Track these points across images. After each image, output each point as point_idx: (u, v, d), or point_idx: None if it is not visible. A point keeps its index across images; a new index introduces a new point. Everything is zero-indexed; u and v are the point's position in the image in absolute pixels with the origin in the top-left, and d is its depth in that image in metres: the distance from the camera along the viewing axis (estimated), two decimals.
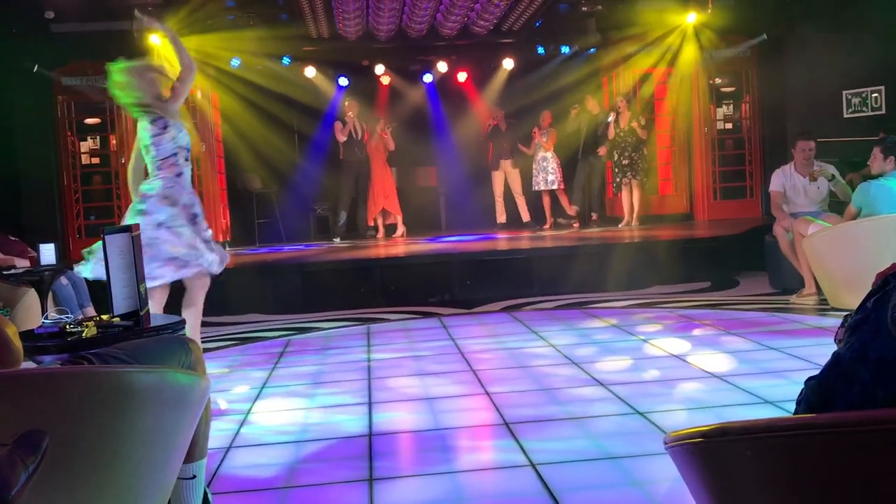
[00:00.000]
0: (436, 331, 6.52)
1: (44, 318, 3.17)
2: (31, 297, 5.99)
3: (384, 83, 11.95)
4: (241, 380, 5.18)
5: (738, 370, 4.70)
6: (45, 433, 1.74)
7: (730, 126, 11.44)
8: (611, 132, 10.44)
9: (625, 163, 10.36)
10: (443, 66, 11.58)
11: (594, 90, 11.22)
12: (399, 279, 8.23)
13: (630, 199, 10.50)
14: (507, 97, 11.65)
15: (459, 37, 10.88)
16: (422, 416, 4.17)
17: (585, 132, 10.75)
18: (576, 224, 10.91)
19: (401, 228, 11.03)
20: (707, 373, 4.67)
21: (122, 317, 3.18)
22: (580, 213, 10.98)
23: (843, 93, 9.48)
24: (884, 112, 8.99)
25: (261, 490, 3.26)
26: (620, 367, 5.07)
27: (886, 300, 1.54)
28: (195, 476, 2.59)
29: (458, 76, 12.01)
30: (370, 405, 4.36)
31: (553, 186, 10.89)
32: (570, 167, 10.92)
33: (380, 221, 11.09)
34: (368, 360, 5.51)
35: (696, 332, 5.98)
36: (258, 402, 4.57)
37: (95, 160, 10.52)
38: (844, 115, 9.51)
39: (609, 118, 10.50)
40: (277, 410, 4.41)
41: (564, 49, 11.36)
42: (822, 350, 4.24)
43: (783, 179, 7.03)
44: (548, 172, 10.82)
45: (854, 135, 9.08)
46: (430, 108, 12.16)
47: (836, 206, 6.99)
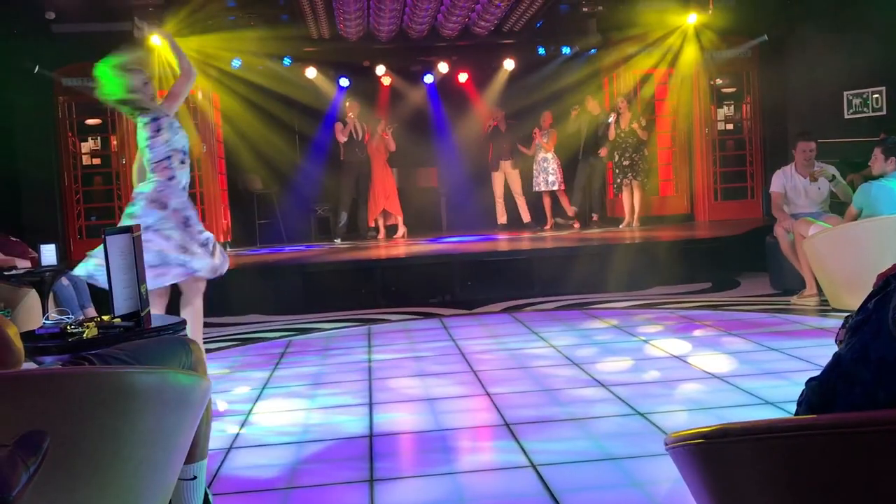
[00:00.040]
0: (436, 331, 6.52)
1: (45, 319, 3.16)
2: (32, 298, 6.00)
3: (385, 84, 11.95)
4: (242, 380, 5.18)
5: (739, 371, 4.70)
6: (46, 434, 1.74)
7: (730, 127, 11.45)
8: (611, 133, 10.44)
9: (625, 164, 10.36)
10: (444, 67, 11.59)
11: (595, 91, 11.22)
12: (400, 280, 8.23)
13: (631, 200, 10.50)
14: (508, 98, 11.65)
15: (460, 37, 10.88)
16: (422, 417, 4.17)
17: (586, 133, 10.74)
18: (576, 224, 10.91)
19: (401, 229, 11.03)
20: (708, 374, 4.67)
21: (123, 317, 3.18)
22: (580, 214, 10.98)
23: (844, 93, 9.48)
24: (885, 113, 8.99)
25: (261, 491, 3.26)
26: (621, 368, 5.07)
27: (887, 301, 1.54)
28: (196, 477, 2.59)
29: (459, 77, 12.01)
30: (371, 406, 4.36)
31: (553, 187, 10.89)
32: (571, 168, 10.92)
33: (381, 222, 11.09)
34: (369, 361, 5.51)
35: (697, 333, 5.97)
36: (259, 403, 4.57)
37: (96, 161, 10.54)
38: (845, 116, 9.51)
39: (610, 119, 10.49)
40: (278, 411, 4.40)
41: (565, 50, 11.36)
42: (823, 351, 4.24)
43: (784, 180, 7.03)
44: (548, 173, 10.82)
45: (855, 135, 9.08)
46: (431, 109, 12.16)
47: (837, 207, 7.00)
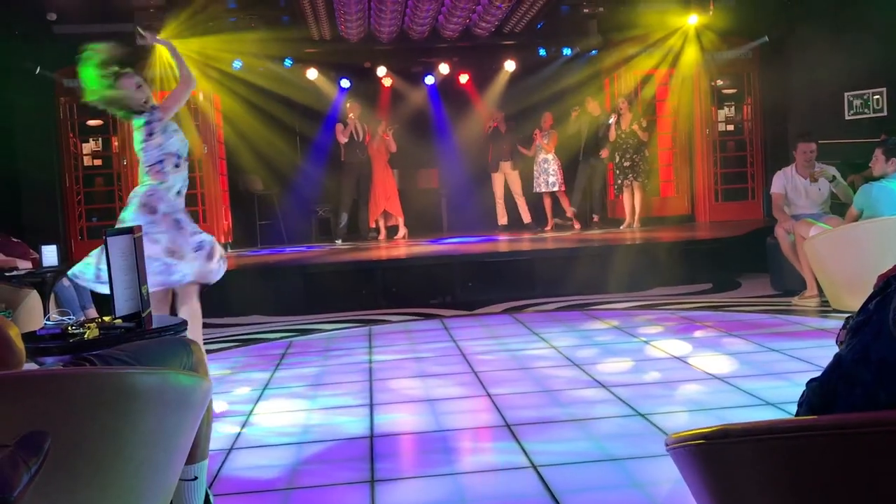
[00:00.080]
0: (437, 332, 6.52)
1: (46, 320, 3.16)
2: (33, 299, 6.01)
3: (386, 85, 11.95)
4: (243, 381, 5.18)
5: (740, 372, 4.69)
6: (47, 434, 1.74)
7: (731, 128, 11.46)
8: (612, 134, 10.44)
9: (626, 164, 10.36)
10: (444, 68, 11.60)
11: (595, 92, 11.22)
12: (400, 281, 8.23)
13: (631, 201, 10.50)
14: (509, 99, 11.65)
15: (461, 39, 10.88)
16: (423, 418, 4.17)
17: (586, 134, 10.74)
18: (576, 225, 10.91)
19: (402, 230, 11.03)
20: (708, 374, 4.67)
21: (124, 318, 3.18)
22: (581, 215, 10.98)
23: (845, 94, 9.48)
24: (885, 114, 8.98)
25: (262, 491, 3.26)
26: (622, 369, 5.07)
27: (888, 302, 1.54)
28: (197, 477, 2.59)
29: (460, 78, 12.02)
30: (372, 407, 4.36)
31: (554, 188, 10.88)
32: (571, 169, 10.91)
33: (381, 223, 11.08)
34: (370, 362, 5.51)
35: (698, 334, 5.97)
36: (260, 404, 4.57)
37: (97, 162, 10.54)
38: (846, 117, 9.50)
39: (610, 120, 10.49)
40: (279, 412, 4.41)
41: (566, 51, 11.36)
42: (824, 352, 4.25)
43: (784, 181, 7.03)
44: (549, 174, 10.82)
45: (855, 136, 9.07)
46: (432, 110, 12.17)
47: (838, 208, 6.99)
